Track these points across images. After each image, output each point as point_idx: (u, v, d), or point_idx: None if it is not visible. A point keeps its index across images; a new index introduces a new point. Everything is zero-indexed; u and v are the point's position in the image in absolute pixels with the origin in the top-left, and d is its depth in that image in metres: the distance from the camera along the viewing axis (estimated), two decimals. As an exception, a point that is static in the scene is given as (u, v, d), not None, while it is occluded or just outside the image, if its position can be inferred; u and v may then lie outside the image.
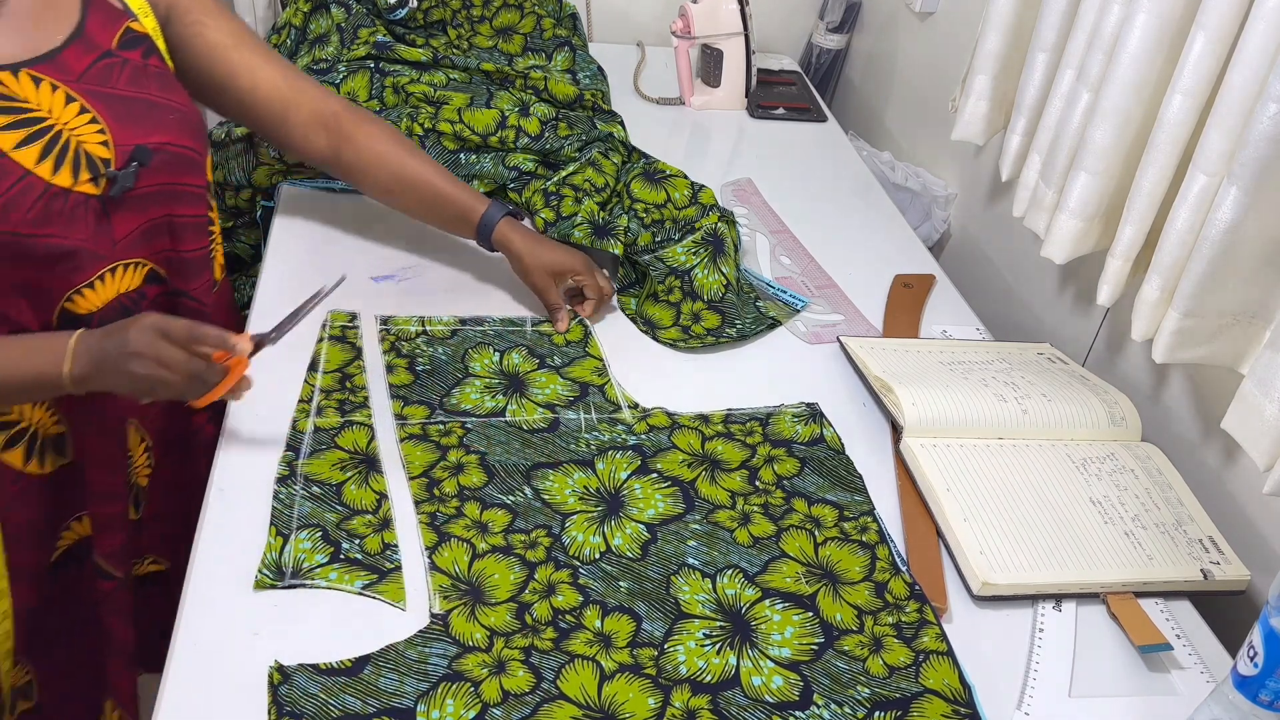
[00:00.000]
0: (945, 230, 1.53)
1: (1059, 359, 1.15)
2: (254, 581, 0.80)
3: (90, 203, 0.85)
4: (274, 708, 0.71)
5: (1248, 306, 0.92)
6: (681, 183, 1.25)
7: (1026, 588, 0.88)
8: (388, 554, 0.83)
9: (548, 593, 0.82)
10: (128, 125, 0.87)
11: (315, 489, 0.88)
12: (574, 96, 1.43)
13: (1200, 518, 0.96)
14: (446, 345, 1.06)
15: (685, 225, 1.20)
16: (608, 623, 0.80)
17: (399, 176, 1.08)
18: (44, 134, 0.82)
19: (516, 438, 0.96)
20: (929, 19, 1.63)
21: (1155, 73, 0.96)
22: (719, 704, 0.75)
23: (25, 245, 0.81)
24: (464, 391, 1.00)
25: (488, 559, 0.84)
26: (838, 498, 0.95)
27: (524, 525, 0.87)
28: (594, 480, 0.93)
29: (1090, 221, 1.07)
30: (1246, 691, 0.71)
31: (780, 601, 0.84)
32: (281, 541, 0.83)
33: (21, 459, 0.91)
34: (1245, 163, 0.82)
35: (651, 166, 1.28)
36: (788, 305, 1.20)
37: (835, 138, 1.65)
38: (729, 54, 1.62)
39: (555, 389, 1.02)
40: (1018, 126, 1.19)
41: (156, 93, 0.90)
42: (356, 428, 0.94)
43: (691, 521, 0.90)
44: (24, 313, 0.85)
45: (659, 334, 1.13)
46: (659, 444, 0.97)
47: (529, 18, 1.60)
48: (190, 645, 0.76)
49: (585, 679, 0.76)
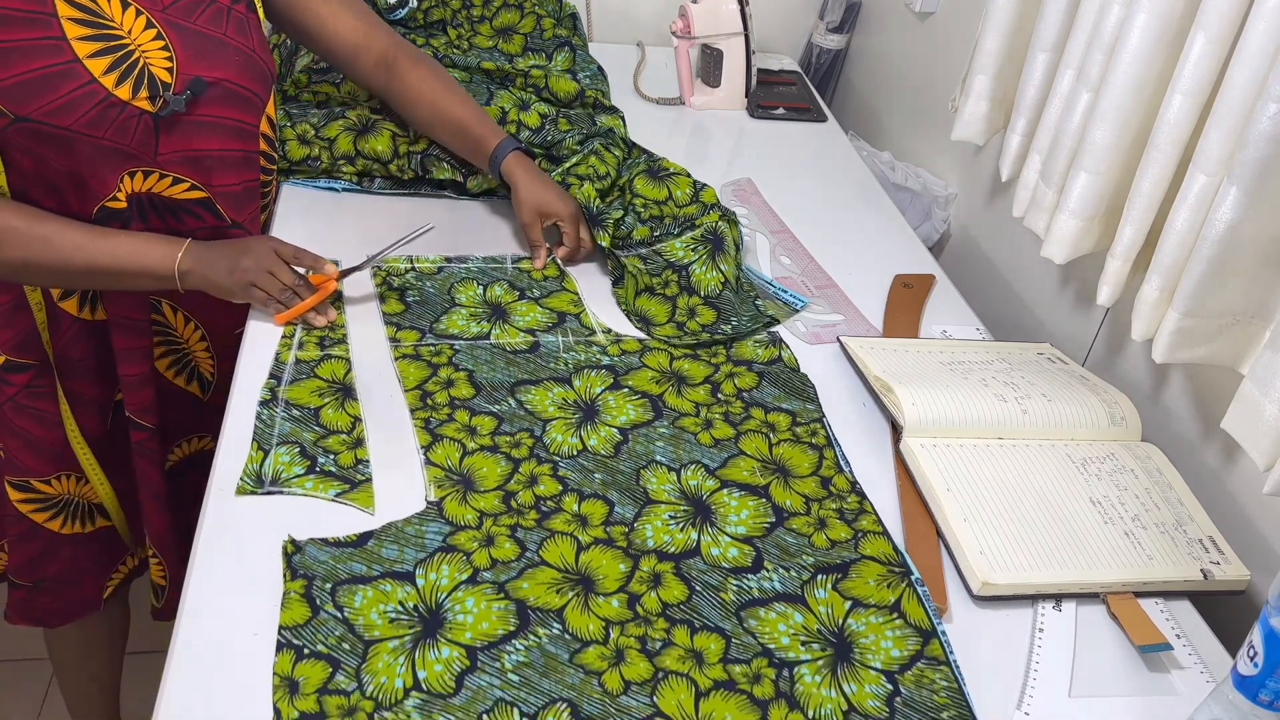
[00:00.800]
0: (945, 230, 1.53)
1: (1059, 359, 1.15)
2: (235, 488, 0.88)
3: (143, 118, 0.96)
4: (289, 571, 0.81)
5: (1248, 306, 0.92)
6: (684, 181, 1.28)
7: (1026, 588, 0.88)
8: (359, 468, 0.92)
9: (530, 483, 0.92)
10: (194, 57, 0.99)
11: (295, 412, 0.96)
12: (574, 94, 1.43)
13: (1200, 518, 0.96)
14: (434, 280, 1.16)
15: (685, 222, 1.23)
16: (584, 506, 0.91)
17: (436, 112, 1.23)
18: (117, 50, 0.94)
19: (501, 358, 1.06)
20: (929, 19, 1.63)
21: (1155, 73, 0.96)
22: (681, 569, 0.87)
23: (78, 141, 0.94)
24: (451, 319, 1.10)
25: (476, 455, 0.94)
26: (791, 406, 1.05)
27: (509, 429, 0.98)
28: (571, 394, 1.03)
29: (1090, 221, 1.07)
30: (1246, 691, 0.71)
31: (737, 491, 0.95)
32: (262, 455, 0.91)
33: (76, 307, 1.08)
34: (1245, 163, 0.82)
35: (655, 163, 1.30)
36: (787, 305, 1.20)
37: (835, 138, 1.65)
38: (729, 54, 1.62)
39: (535, 316, 1.12)
40: (1018, 126, 1.19)
41: (232, 35, 1.02)
42: (334, 360, 1.03)
43: (659, 426, 1.01)
44: (70, 203, 0.99)
45: (653, 330, 1.14)
46: (630, 365, 1.08)
47: (529, 18, 1.60)
48: (190, 645, 0.76)
49: (564, 549, 0.87)
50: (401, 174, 1.28)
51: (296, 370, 1.00)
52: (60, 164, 0.95)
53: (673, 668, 0.79)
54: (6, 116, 0.91)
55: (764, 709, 0.77)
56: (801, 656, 0.81)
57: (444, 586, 0.82)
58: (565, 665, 0.78)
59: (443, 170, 1.28)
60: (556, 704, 0.75)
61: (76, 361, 1.11)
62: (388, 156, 1.28)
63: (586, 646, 0.79)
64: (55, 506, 1.16)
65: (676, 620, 0.82)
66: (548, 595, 0.83)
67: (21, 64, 0.90)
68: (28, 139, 0.93)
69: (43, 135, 0.93)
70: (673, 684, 0.78)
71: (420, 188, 1.31)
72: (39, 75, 0.91)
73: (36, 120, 0.92)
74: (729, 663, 0.80)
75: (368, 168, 1.29)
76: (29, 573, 1.19)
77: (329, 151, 1.28)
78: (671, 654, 0.80)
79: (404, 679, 0.75)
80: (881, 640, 0.83)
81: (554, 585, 0.84)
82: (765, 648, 0.81)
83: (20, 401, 1.09)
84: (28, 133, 0.92)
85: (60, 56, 0.92)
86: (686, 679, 0.78)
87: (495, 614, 0.81)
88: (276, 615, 0.78)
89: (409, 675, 0.75)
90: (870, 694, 0.79)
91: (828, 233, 1.36)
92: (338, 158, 1.28)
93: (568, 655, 0.78)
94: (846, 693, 0.78)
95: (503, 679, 0.76)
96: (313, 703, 0.73)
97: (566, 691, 0.76)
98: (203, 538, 0.84)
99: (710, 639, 0.81)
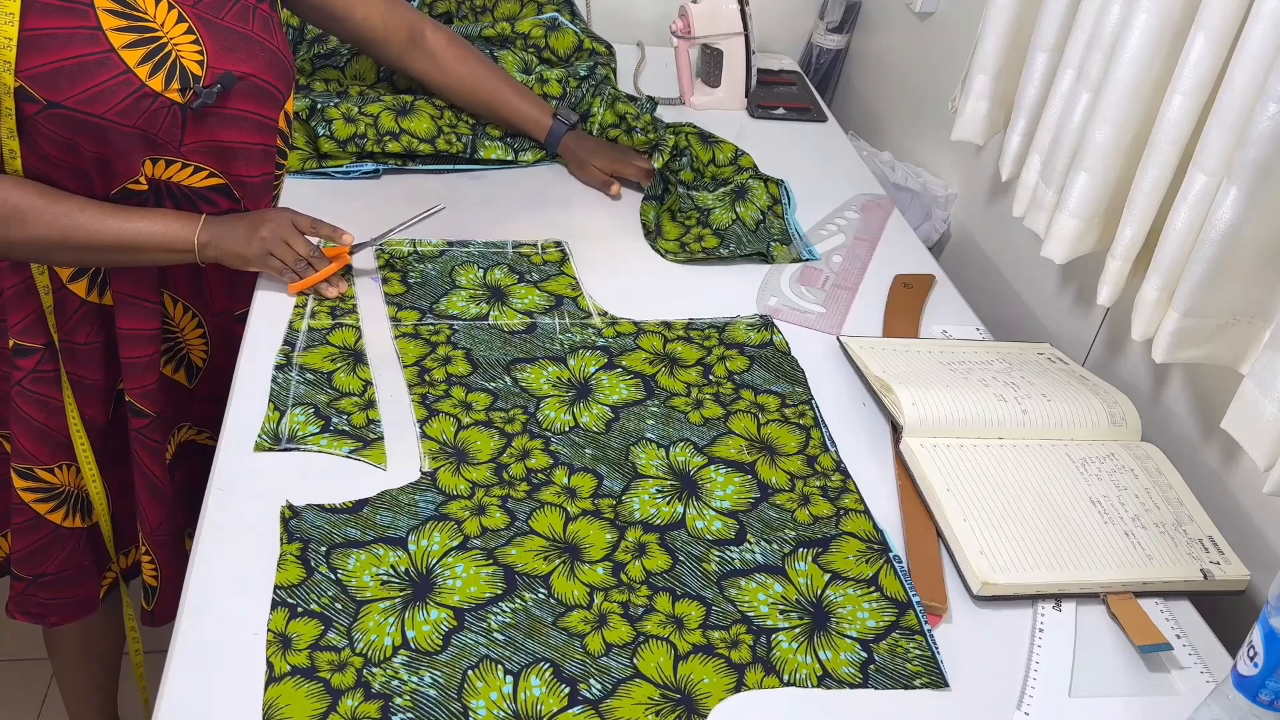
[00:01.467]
0: (945, 230, 1.53)
1: (1059, 359, 1.15)
2: (254, 445, 0.92)
3: (173, 109, 0.99)
4: (285, 535, 0.84)
5: (1248, 306, 0.92)
6: (728, 146, 1.43)
7: (1026, 588, 0.88)
8: (371, 427, 0.96)
9: (522, 456, 0.95)
10: (223, 52, 1.01)
11: (309, 376, 1.00)
12: (574, 46, 1.52)
13: (1200, 518, 0.96)
14: (436, 262, 1.19)
15: (721, 182, 1.37)
16: (574, 480, 0.94)
17: (478, 94, 1.34)
18: (151, 42, 0.97)
19: (498, 338, 1.09)
20: (929, 19, 1.63)
21: (1155, 73, 0.96)
22: (666, 540, 0.89)
23: (109, 129, 0.96)
24: (451, 300, 1.13)
25: (471, 430, 0.97)
26: (781, 389, 1.08)
27: (504, 406, 1.01)
28: (566, 373, 1.06)
29: (1090, 221, 1.07)
30: (1246, 691, 0.71)
31: (724, 467, 0.97)
32: (278, 415, 0.95)
33: (85, 289, 1.09)
34: (1245, 163, 0.82)
35: (706, 131, 1.46)
36: (797, 255, 1.29)
37: (835, 138, 1.65)
38: (729, 54, 1.62)
39: (533, 299, 1.15)
40: (1018, 126, 1.19)
41: (257, 31, 1.05)
42: (345, 329, 1.07)
43: (651, 405, 1.03)
44: (95, 185, 1.01)
45: (658, 242, 1.27)
46: (625, 346, 1.11)
47: (530, 6, 1.61)
48: (190, 645, 0.76)
49: (553, 520, 0.89)
50: (451, 147, 1.34)
51: (310, 337, 1.05)
52: (90, 149, 0.97)
53: (653, 632, 0.81)
54: (38, 103, 0.93)
55: (740, 672, 0.79)
56: (779, 624, 0.83)
57: (435, 552, 0.85)
58: (549, 627, 0.80)
59: (493, 150, 1.37)
60: (540, 663, 0.78)
61: (82, 345, 1.11)
62: (432, 134, 1.33)
63: (570, 610, 0.82)
64: (58, 497, 1.16)
65: (659, 588, 0.85)
66: (535, 562, 0.85)
67: (58, 51, 0.92)
68: (58, 125, 0.94)
69: (74, 122, 0.94)
70: (653, 647, 0.80)
71: (438, 165, 1.37)
72: (75, 63, 0.93)
73: (70, 107, 0.93)
74: (708, 629, 0.82)
75: (411, 145, 1.33)
76: (30, 565, 1.19)
77: (375, 128, 1.32)
78: (653, 619, 0.82)
79: (393, 638, 0.78)
80: (858, 611, 0.85)
81: (541, 553, 0.86)
82: (744, 615, 0.84)
83: (27, 386, 1.10)
84: (59, 119, 0.94)
85: (97, 46, 0.94)
86: (666, 643, 0.80)
87: (484, 579, 0.83)
88: (273, 660, 0.78)
89: (398, 634, 0.78)
90: (845, 660, 0.81)
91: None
92: (383, 134, 1.32)
93: (552, 618, 0.81)
94: (822, 659, 0.81)
95: (488, 638, 0.79)
96: (304, 658, 0.76)
97: (549, 652, 0.79)
98: (203, 538, 0.84)
99: (691, 606, 0.84)
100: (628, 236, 1.30)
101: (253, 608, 0.79)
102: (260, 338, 1.05)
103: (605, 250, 1.26)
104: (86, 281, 1.09)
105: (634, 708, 0.75)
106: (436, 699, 0.74)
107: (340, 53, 1.42)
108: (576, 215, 1.33)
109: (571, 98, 1.44)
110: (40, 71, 0.92)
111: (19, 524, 1.16)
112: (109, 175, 1.01)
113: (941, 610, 0.86)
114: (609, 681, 0.77)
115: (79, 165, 0.99)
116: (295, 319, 1.07)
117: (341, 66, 1.42)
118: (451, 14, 1.60)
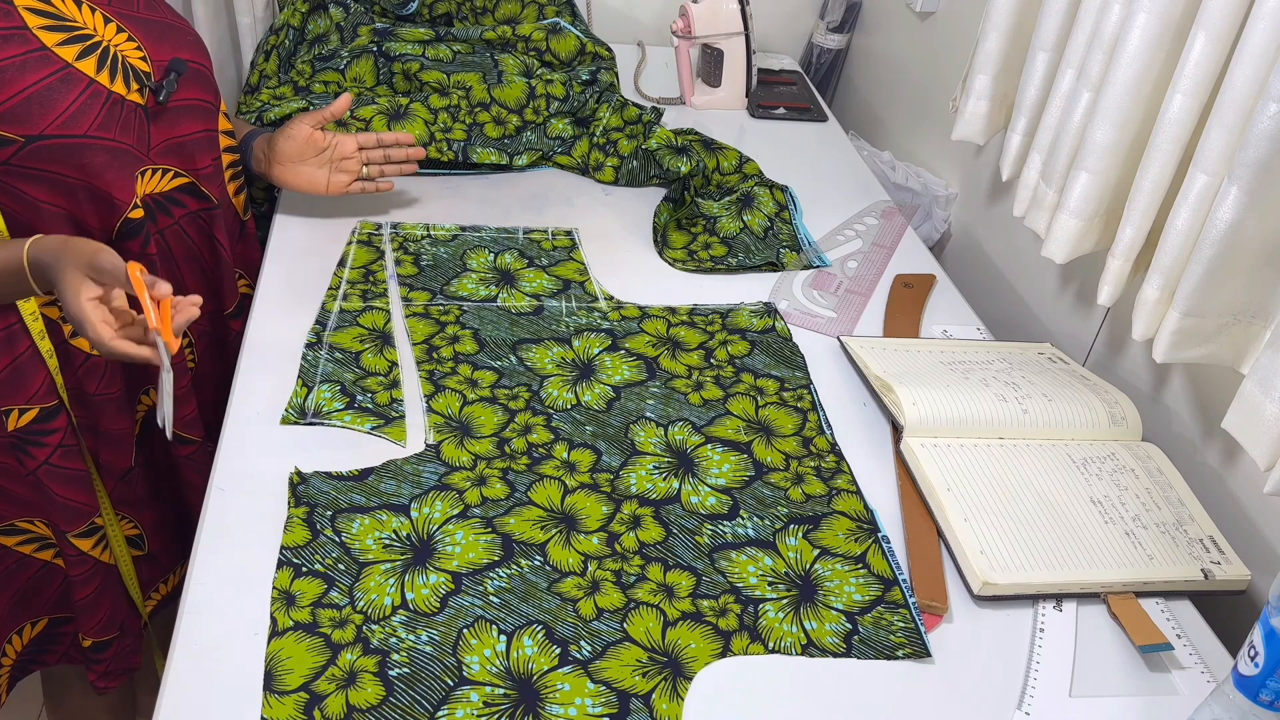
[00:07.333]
0: (945, 230, 1.53)
1: (1059, 359, 1.15)
2: (280, 418, 0.95)
3: (138, 111, 0.96)
4: (293, 499, 0.88)
5: (1248, 306, 0.92)
6: (732, 153, 1.44)
7: (1027, 588, 0.88)
8: (394, 406, 0.99)
9: (524, 431, 0.98)
10: (158, 43, 0.99)
11: (338, 355, 1.04)
12: (575, 49, 1.51)
13: (1200, 517, 0.95)
14: (448, 246, 1.22)
15: (727, 190, 1.39)
16: (573, 455, 0.96)
17: None
18: (95, 48, 0.93)
19: (505, 319, 1.12)
20: (929, 19, 1.63)
21: (1155, 72, 0.96)
22: (661, 514, 0.91)
23: (91, 148, 0.92)
24: (461, 282, 1.16)
25: (475, 405, 1.00)
26: (781, 373, 1.10)
27: (508, 384, 1.03)
28: (570, 353, 1.08)
29: (1090, 221, 1.07)
30: (1247, 691, 0.71)
31: (721, 446, 1.00)
32: (306, 391, 0.99)
33: (89, 344, 0.98)
34: (1245, 163, 0.82)
35: (709, 138, 1.47)
36: (808, 263, 1.28)
37: (836, 137, 1.65)
38: (729, 54, 1.62)
39: (541, 282, 1.18)
40: (1018, 126, 1.19)
41: (169, 16, 1.03)
42: (375, 311, 1.10)
43: (652, 386, 1.06)
44: (91, 224, 0.96)
45: (665, 251, 1.27)
46: (629, 329, 1.13)
47: (530, 7, 1.61)
48: (190, 645, 0.76)
49: (551, 492, 0.92)
50: (441, 156, 1.34)
51: (340, 319, 1.08)
52: (78, 181, 0.92)
53: (644, 599, 0.84)
54: (16, 142, 0.88)
55: (727, 639, 0.82)
56: (768, 595, 0.86)
57: (436, 520, 0.88)
58: (543, 592, 0.83)
59: (487, 156, 1.37)
60: (533, 625, 0.80)
61: (94, 396, 1.04)
62: (424, 140, 1.33)
63: (565, 577, 0.85)
64: (95, 535, 1.07)
65: (652, 558, 0.87)
66: (532, 531, 0.88)
67: (17, 81, 0.87)
68: (41, 161, 0.90)
69: (56, 152, 0.90)
70: (643, 613, 0.83)
71: (434, 170, 1.37)
72: (40, 88, 0.88)
73: (51, 135, 0.89)
74: (698, 597, 0.85)
75: None
76: (107, 626, 1.09)
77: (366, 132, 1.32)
78: (644, 587, 0.85)
79: (393, 598, 0.81)
80: (845, 585, 0.87)
81: (539, 523, 0.89)
82: (734, 585, 0.86)
83: (54, 463, 1.00)
84: (41, 153, 0.89)
85: (52, 65, 0.89)
86: (656, 610, 0.83)
87: (482, 546, 0.86)
88: (277, 616, 0.78)
89: (398, 595, 0.81)
90: (830, 631, 0.83)
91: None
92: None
93: (546, 584, 0.84)
94: (807, 629, 0.83)
95: (484, 600, 0.82)
96: (307, 614, 0.79)
97: (542, 615, 0.81)
98: (203, 538, 0.84)
99: (682, 576, 0.86)
100: (634, 237, 1.30)
101: (253, 607, 0.79)
102: (261, 337, 1.05)
103: (612, 249, 1.26)
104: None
105: (622, 669, 0.78)
106: (432, 654, 0.77)
107: (340, 55, 1.42)
108: (579, 215, 1.33)
109: (574, 102, 1.44)
110: (8, 107, 0.86)
111: (82, 599, 1.07)
112: (107, 209, 0.95)
113: (942, 610, 0.86)
114: (599, 644, 0.80)
115: (72, 209, 0.94)
116: (328, 300, 1.10)
117: (341, 69, 1.41)
118: (452, 15, 1.60)
